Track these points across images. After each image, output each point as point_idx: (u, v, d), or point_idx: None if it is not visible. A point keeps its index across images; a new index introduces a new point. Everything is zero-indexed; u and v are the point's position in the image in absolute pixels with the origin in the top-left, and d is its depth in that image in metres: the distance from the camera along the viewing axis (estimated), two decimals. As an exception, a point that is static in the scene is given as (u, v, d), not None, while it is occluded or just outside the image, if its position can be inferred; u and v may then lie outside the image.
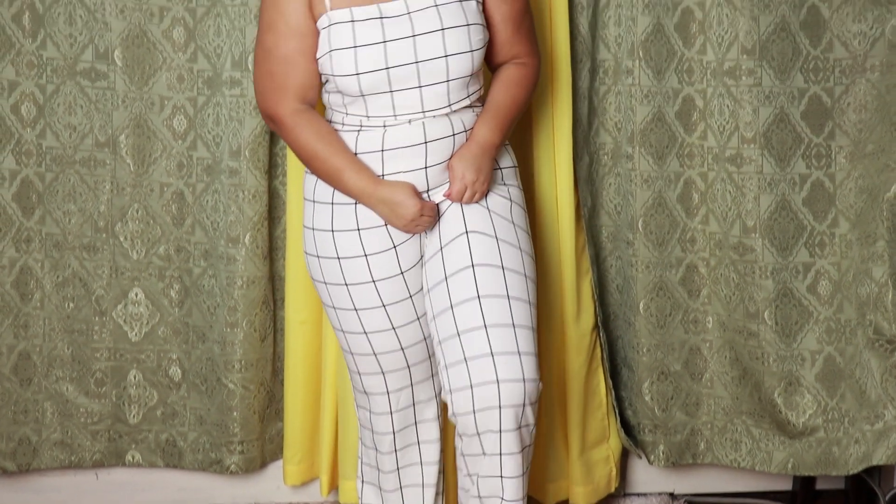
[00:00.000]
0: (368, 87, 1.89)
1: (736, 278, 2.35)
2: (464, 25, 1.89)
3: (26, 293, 2.41)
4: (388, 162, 1.93)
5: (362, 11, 1.89)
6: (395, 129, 1.92)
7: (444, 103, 1.92)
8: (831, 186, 2.32)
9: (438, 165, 1.95)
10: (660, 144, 2.38)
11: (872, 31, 2.27)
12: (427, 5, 1.89)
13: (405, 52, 1.87)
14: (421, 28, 1.88)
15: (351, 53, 1.88)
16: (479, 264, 1.93)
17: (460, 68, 1.90)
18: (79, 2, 2.32)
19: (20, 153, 2.36)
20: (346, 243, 1.97)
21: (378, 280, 1.98)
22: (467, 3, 1.92)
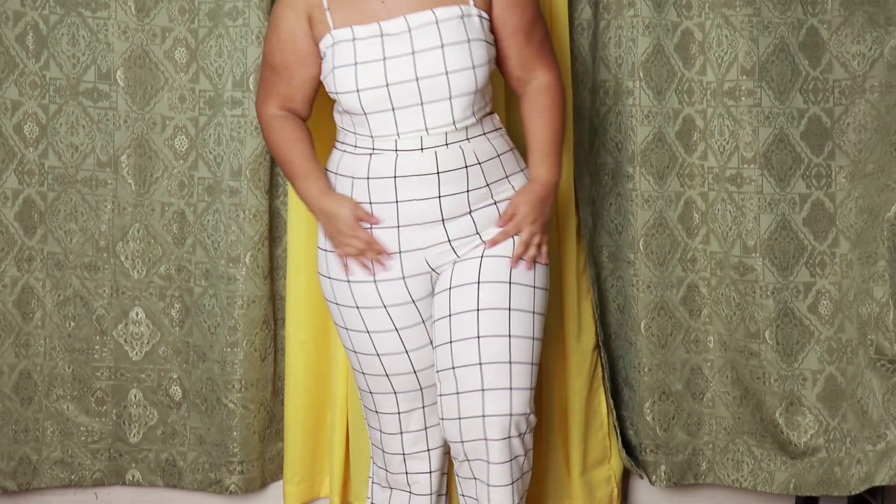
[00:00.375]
0: (370, 105, 1.89)
1: (737, 298, 2.35)
2: (464, 42, 1.88)
3: (27, 312, 2.41)
4: (400, 188, 1.91)
5: (363, 30, 1.89)
6: (408, 155, 1.90)
7: (447, 121, 1.90)
8: (831, 206, 2.32)
9: (454, 196, 1.92)
10: (660, 164, 2.39)
11: (871, 52, 2.28)
12: (427, 22, 1.89)
13: (405, 69, 1.87)
14: (420, 45, 1.88)
15: (351, 70, 1.89)
16: (484, 308, 1.92)
17: (463, 85, 1.89)
18: (82, 23, 2.33)
19: (23, 172, 2.37)
20: (355, 269, 1.99)
21: (389, 306, 1.98)
22: (469, 20, 1.90)
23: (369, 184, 1.93)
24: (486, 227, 1.96)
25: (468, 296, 1.93)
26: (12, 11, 2.32)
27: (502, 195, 1.97)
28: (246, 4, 2.27)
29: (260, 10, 2.26)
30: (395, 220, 1.93)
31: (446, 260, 1.96)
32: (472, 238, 1.96)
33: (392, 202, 1.92)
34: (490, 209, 1.96)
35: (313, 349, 2.36)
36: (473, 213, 1.94)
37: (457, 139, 1.91)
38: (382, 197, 1.93)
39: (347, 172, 1.96)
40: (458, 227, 1.94)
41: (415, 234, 1.94)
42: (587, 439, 2.41)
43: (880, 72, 2.28)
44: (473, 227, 1.95)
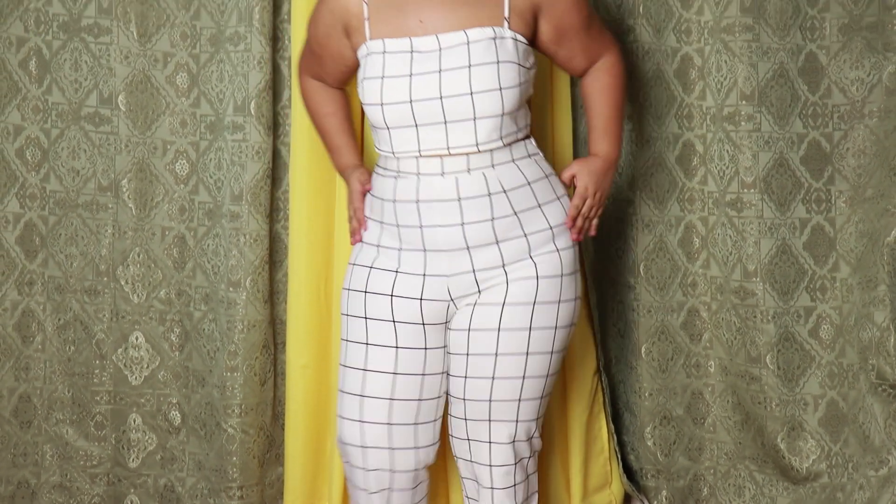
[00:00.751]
0: (393, 120, 1.87)
1: (737, 322, 2.34)
2: (492, 63, 1.85)
3: (28, 336, 2.41)
4: (423, 213, 1.89)
5: (394, 43, 1.89)
6: (429, 179, 1.88)
7: (470, 142, 1.86)
8: (831, 231, 2.32)
9: (478, 224, 1.88)
10: (660, 189, 2.39)
11: (870, 77, 2.29)
12: (458, 43, 1.87)
13: (430, 87, 1.85)
14: (448, 64, 1.86)
15: (378, 83, 1.88)
16: (502, 354, 1.91)
17: (488, 107, 1.85)
18: (84, 48, 2.35)
19: (24, 196, 2.37)
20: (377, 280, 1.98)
21: (398, 322, 1.94)
22: (502, 42, 1.87)
23: (396, 206, 1.92)
24: (514, 260, 1.90)
25: (487, 341, 1.91)
26: (16, 37, 2.34)
27: (534, 226, 1.91)
28: (248, 30, 2.28)
29: (262, 35, 2.27)
30: (421, 244, 1.91)
31: (467, 292, 1.92)
32: (496, 272, 1.91)
33: (416, 227, 1.90)
34: (520, 242, 1.90)
35: (314, 374, 2.35)
36: (501, 244, 1.90)
37: (479, 165, 1.88)
38: (408, 221, 1.91)
39: (379, 194, 1.95)
40: (484, 257, 1.90)
41: (441, 260, 1.91)
42: (588, 464, 2.40)
43: (879, 97, 2.29)
44: (500, 259, 1.90)
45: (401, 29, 1.89)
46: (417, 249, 1.92)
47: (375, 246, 1.97)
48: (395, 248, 1.94)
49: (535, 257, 1.91)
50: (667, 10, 2.35)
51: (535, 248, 1.91)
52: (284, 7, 2.33)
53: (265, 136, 2.30)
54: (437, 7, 1.88)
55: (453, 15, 1.87)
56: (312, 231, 2.30)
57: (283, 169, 2.36)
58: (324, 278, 2.32)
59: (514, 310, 1.90)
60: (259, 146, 2.29)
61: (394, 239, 1.94)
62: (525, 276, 1.90)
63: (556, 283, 1.92)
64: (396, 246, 1.94)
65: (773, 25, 2.28)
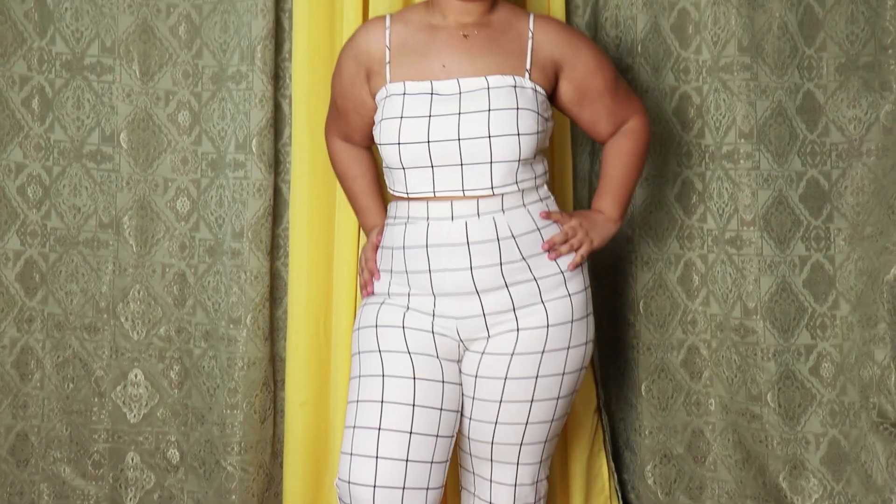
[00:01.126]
0: (409, 159, 1.87)
1: (738, 360, 2.34)
2: (512, 109, 1.86)
3: (26, 373, 2.40)
4: (432, 258, 1.88)
5: (415, 86, 1.90)
6: (438, 224, 1.88)
7: (485, 185, 1.86)
8: (831, 268, 2.33)
9: (486, 268, 1.87)
10: (659, 226, 2.40)
11: (867, 116, 2.30)
12: (478, 88, 1.88)
13: (448, 129, 1.86)
14: (468, 108, 1.87)
15: (396, 123, 1.88)
16: (507, 401, 1.91)
17: (505, 151, 1.85)
18: (87, 86, 2.36)
19: (25, 234, 2.38)
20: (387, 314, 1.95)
21: (413, 353, 1.89)
22: (522, 90, 1.89)
23: (405, 253, 1.91)
24: (524, 304, 1.89)
25: (493, 388, 1.90)
26: (19, 76, 2.35)
27: (544, 271, 1.90)
28: (249, 68, 2.30)
29: (263, 74, 2.29)
30: (430, 289, 1.90)
31: (477, 336, 1.91)
32: (507, 316, 1.89)
33: (425, 271, 1.89)
34: (530, 286, 1.89)
35: (313, 411, 2.34)
36: (511, 288, 1.88)
37: (489, 210, 1.88)
38: (417, 266, 1.90)
39: (388, 244, 1.95)
40: (494, 300, 1.89)
41: (450, 304, 1.90)
42: (589, 503, 2.38)
43: (876, 136, 2.30)
44: (510, 303, 1.89)
45: (423, 72, 1.91)
46: (427, 294, 1.91)
47: (385, 294, 1.96)
48: (404, 294, 1.93)
49: (547, 303, 1.90)
50: (665, 49, 2.37)
51: (546, 293, 1.90)
52: (286, 46, 2.35)
53: (266, 173, 2.31)
54: (460, 54, 1.90)
55: (475, 62, 1.90)
56: (312, 268, 2.30)
57: (283, 206, 2.37)
58: (323, 316, 2.32)
59: (523, 359, 1.89)
60: (260, 183, 2.30)
61: (403, 285, 1.92)
62: (535, 324, 1.89)
63: (566, 330, 1.90)
64: (405, 291, 1.93)
65: (771, 64, 2.30)
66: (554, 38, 1.94)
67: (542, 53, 1.93)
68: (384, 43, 1.94)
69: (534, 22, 1.95)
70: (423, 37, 1.94)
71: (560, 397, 1.93)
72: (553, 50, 1.94)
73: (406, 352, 1.88)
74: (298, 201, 2.30)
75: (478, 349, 1.91)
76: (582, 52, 1.96)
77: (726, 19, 2.30)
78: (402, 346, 1.89)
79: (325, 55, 2.28)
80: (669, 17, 2.36)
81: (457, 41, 1.92)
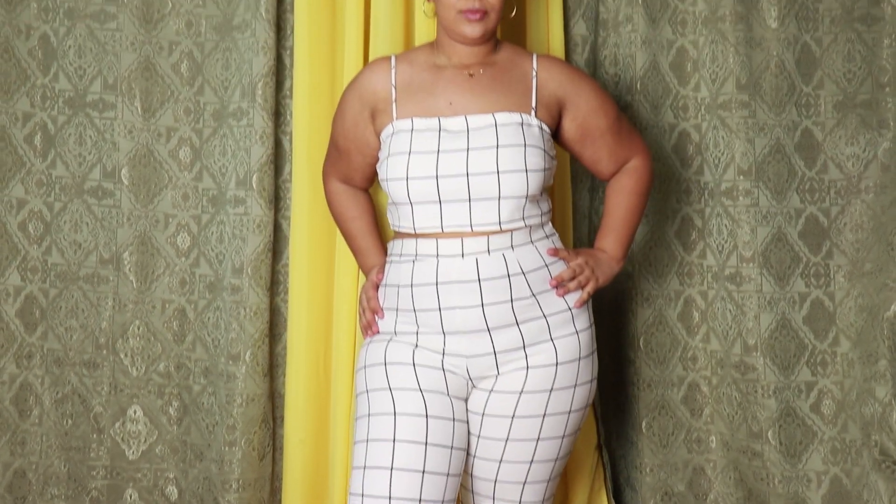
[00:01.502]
0: (417, 194, 1.87)
1: (738, 397, 2.33)
2: (519, 145, 1.87)
3: (25, 409, 2.39)
4: (442, 296, 1.88)
5: (423, 122, 1.91)
6: (449, 261, 1.87)
7: (493, 220, 1.87)
8: (831, 305, 2.33)
9: (497, 305, 1.87)
10: (659, 263, 2.40)
11: (865, 153, 2.31)
12: (486, 125, 1.90)
13: (456, 164, 1.86)
14: (476, 144, 1.88)
15: (404, 158, 1.89)
16: (513, 439, 1.90)
17: (513, 187, 1.86)
18: (89, 123, 2.38)
19: (25, 269, 2.38)
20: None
21: (425, 390, 1.87)
22: (529, 128, 1.90)
23: (413, 291, 1.90)
24: (534, 341, 1.89)
25: (500, 427, 1.90)
26: (22, 112, 2.37)
27: (552, 308, 1.90)
28: (250, 105, 2.31)
29: (264, 111, 2.30)
30: (439, 327, 1.89)
31: (486, 374, 1.90)
32: (517, 353, 1.89)
33: (435, 309, 1.88)
34: (540, 323, 1.89)
35: (312, 449, 2.33)
36: (521, 325, 1.88)
37: (499, 246, 1.88)
38: (426, 304, 1.89)
39: (393, 282, 1.94)
40: (505, 338, 1.88)
41: (460, 342, 1.89)
42: (589, 541, 2.37)
43: (875, 173, 2.31)
44: (521, 341, 1.88)
45: (430, 109, 1.92)
46: (436, 332, 1.89)
47: (391, 332, 1.94)
48: (412, 332, 1.91)
49: (556, 340, 1.90)
50: (664, 87, 2.38)
51: (554, 330, 1.90)
52: (287, 83, 2.36)
53: (266, 209, 2.31)
54: (466, 92, 1.92)
55: (482, 99, 1.92)
56: (312, 305, 2.30)
57: (283, 242, 2.37)
58: (323, 352, 2.31)
59: (531, 397, 1.89)
60: (260, 220, 2.31)
61: (410, 324, 1.91)
62: (545, 362, 1.89)
63: (573, 367, 1.91)
64: (413, 329, 1.91)
65: (769, 102, 2.32)
66: (557, 77, 1.96)
67: (547, 91, 1.95)
68: (390, 82, 1.96)
69: (537, 61, 1.97)
70: (429, 76, 1.95)
71: (565, 435, 1.92)
72: (556, 88, 1.96)
73: (418, 389, 1.86)
74: (298, 237, 2.30)
75: (486, 387, 1.90)
76: (585, 91, 1.98)
77: (724, 57, 2.32)
78: (413, 383, 1.87)
79: (326, 92, 2.30)
80: (668, 55, 2.38)
81: (463, 80, 1.94)
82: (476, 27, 1.90)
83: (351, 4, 2.24)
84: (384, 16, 2.21)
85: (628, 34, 2.38)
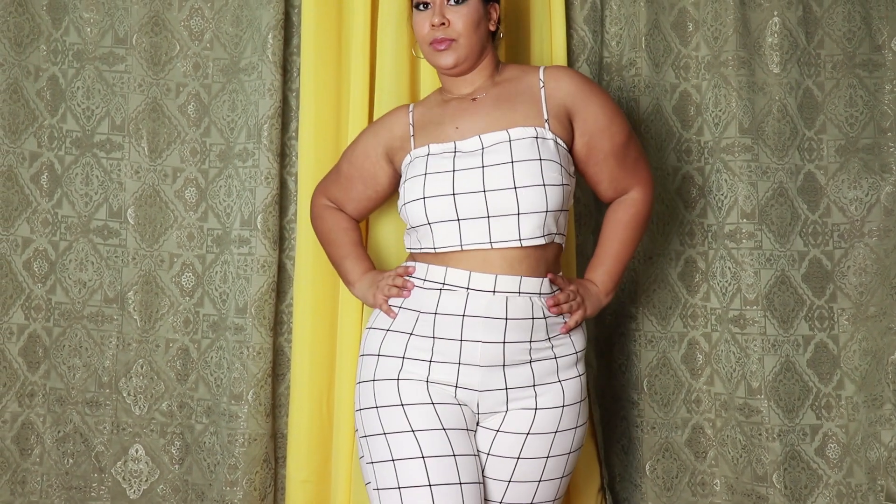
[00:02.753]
0: (435, 213, 1.87)
1: (743, 440, 2.32)
2: (535, 160, 1.86)
3: (26, 448, 2.38)
4: (466, 328, 1.86)
5: (438, 147, 1.93)
6: (479, 295, 1.86)
7: (513, 236, 1.85)
8: (835, 348, 2.32)
9: (517, 344, 1.86)
10: (663, 305, 2.40)
11: (868, 197, 2.32)
12: (500, 141, 1.90)
13: (473, 181, 1.86)
14: (491, 160, 1.87)
15: (420, 180, 1.89)
16: (516, 480, 1.89)
17: (532, 202, 1.85)
18: (96, 163, 2.39)
19: (30, 308, 2.38)
20: (384, 391, 1.90)
21: (417, 430, 1.85)
22: (544, 142, 1.89)
23: (435, 319, 1.88)
24: (543, 381, 1.89)
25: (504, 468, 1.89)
26: (29, 152, 2.39)
27: (562, 350, 1.91)
28: (256, 147, 2.33)
29: (270, 152, 2.31)
30: (456, 358, 1.87)
31: (495, 410, 1.89)
32: (527, 391, 1.88)
33: (456, 340, 1.87)
34: (550, 363, 1.90)
35: (314, 489, 2.32)
36: (534, 364, 1.89)
37: (530, 290, 1.87)
38: (447, 333, 1.87)
39: (414, 307, 1.91)
40: (517, 375, 1.88)
41: (474, 375, 1.88)
42: (593, 586, 2.34)
43: (878, 216, 2.32)
44: (531, 378, 1.88)
45: (442, 136, 1.95)
46: (451, 362, 1.88)
47: (400, 357, 1.90)
48: (424, 360, 1.89)
49: (563, 381, 1.90)
50: (667, 130, 2.40)
51: (562, 371, 1.90)
52: (292, 125, 2.38)
53: (271, 249, 2.32)
54: (472, 115, 1.94)
55: (489, 118, 1.92)
56: (316, 345, 2.30)
57: (287, 282, 2.38)
58: (326, 393, 2.30)
59: (537, 439, 1.88)
60: (265, 260, 2.31)
61: (424, 351, 1.89)
62: (552, 403, 1.88)
63: (576, 409, 1.91)
64: (427, 357, 1.89)
65: (772, 146, 2.33)
66: (566, 87, 1.94)
67: (555, 101, 1.93)
68: (408, 122, 2.00)
69: (544, 72, 1.96)
70: (439, 111, 1.99)
71: (564, 476, 1.92)
72: (565, 97, 1.93)
73: (441, 429, 1.84)
74: (303, 277, 2.30)
75: (492, 426, 1.89)
76: (594, 106, 1.95)
77: (727, 102, 2.34)
78: (436, 422, 1.84)
79: (331, 134, 2.31)
80: (671, 99, 2.40)
81: (467, 105, 1.96)
82: (447, 56, 1.92)
83: (356, 48, 2.27)
84: (389, 59, 2.24)
85: (632, 78, 2.40)
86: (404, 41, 2.25)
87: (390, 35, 2.24)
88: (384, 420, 1.85)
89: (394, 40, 2.24)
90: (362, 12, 2.26)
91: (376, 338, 1.93)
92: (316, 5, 2.30)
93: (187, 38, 2.41)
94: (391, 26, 2.24)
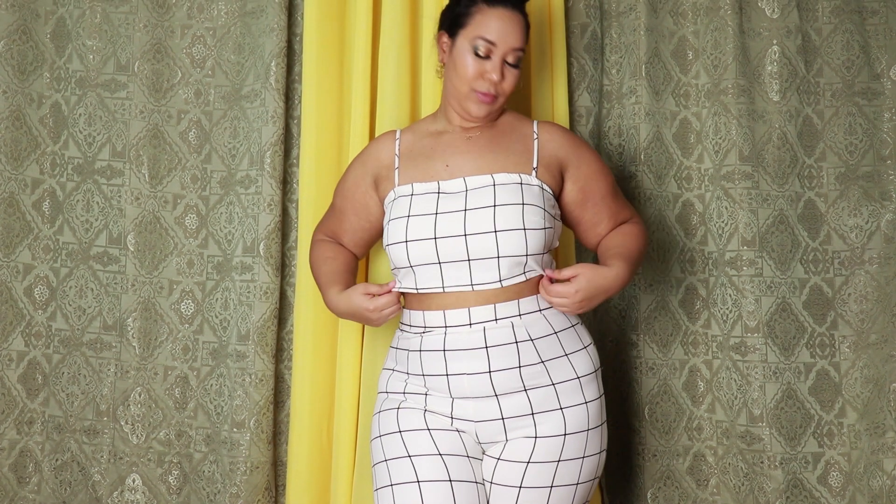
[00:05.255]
0: (417, 257, 1.89)
1: (744, 468, 2.31)
2: (517, 204, 1.88)
3: (24, 476, 2.37)
4: (450, 362, 1.88)
5: (422, 186, 1.94)
6: (456, 331, 1.88)
7: (493, 278, 1.87)
8: (836, 376, 2.32)
9: (505, 371, 1.86)
10: (664, 332, 2.40)
11: (868, 224, 2.33)
12: (484, 185, 1.92)
13: (454, 225, 1.88)
14: (474, 204, 1.89)
15: (403, 222, 1.91)
16: (526, 486, 1.88)
17: (512, 246, 1.86)
18: (97, 189, 2.39)
19: (30, 335, 2.38)
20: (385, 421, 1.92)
21: (414, 455, 1.87)
22: (528, 187, 1.91)
23: (422, 356, 1.91)
24: (543, 409, 1.87)
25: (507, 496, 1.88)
26: (31, 179, 2.39)
27: (561, 376, 1.89)
28: (259, 173, 2.33)
29: (273, 178, 2.32)
30: (447, 392, 1.89)
31: (495, 439, 1.89)
32: (525, 420, 1.88)
33: (443, 374, 1.89)
34: (548, 391, 1.88)
35: (314, 517, 2.31)
36: (529, 392, 1.87)
37: (507, 314, 1.88)
38: (433, 369, 1.89)
39: (404, 346, 1.95)
40: (512, 404, 1.88)
41: (468, 407, 1.88)
42: None
43: (878, 244, 2.32)
44: (529, 407, 1.87)
45: (428, 173, 1.95)
46: (444, 396, 1.89)
47: (401, 393, 1.94)
48: (421, 394, 1.91)
49: (565, 410, 1.88)
50: (667, 157, 2.41)
51: (563, 398, 1.88)
52: (294, 152, 2.39)
53: (273, 276, 2.32)
54: (464, 154, 1.95)
55: (480, 160, 1.94)
56: (316, 372, 2.29)
57: (287, 309, 2.38)
58: (326, 420, 2.30)
59: (538, 468, 1.87)
60: (267, 287, 2.31)
61: (420, 386, 1.92)
62: (553, 432, 1.87)
63: (582, 439, 1.89)
64: (423, 391, 1.91)
65: (772, 173, 2.34)
66: (559, 140, 1.99)
67: (548, 153, 1.96)
68: (394, 151, 2.00)
69: (537, 125, 2.00)
70: (429, 142, 1.99)
71: (579, 483, 1.89)
72: (557, 150, 1.98)
73: (437, 454, 1.86)
74: (303, 305, 2.30)
75: (494, 454, 1.89)
76: (585, 157, 2.00)
77: (727, 129, 2.35)
78: (431, 448, 1.87)
79: (333, 161, 2.32)
80: (671, 126, 2.41)
81: (461, 142, 1.97)
82: (483, 108, 1.94)
83: (358, 75, 2.28)
84: (390, 87, 2.25)
85: (632, 106, 2.41)
86: (405, 69, 2.26)
87: (391, 63, 2.25)
88: (385, 448, 1.90)
89: (395, 68, 2.25)
90: (363, 40, 2.27)
91: (384, 377, 1.99)
92: (318, 33, 2.32)
93: (189, 65, 2.42)
94: (392, 54, 2.25)
